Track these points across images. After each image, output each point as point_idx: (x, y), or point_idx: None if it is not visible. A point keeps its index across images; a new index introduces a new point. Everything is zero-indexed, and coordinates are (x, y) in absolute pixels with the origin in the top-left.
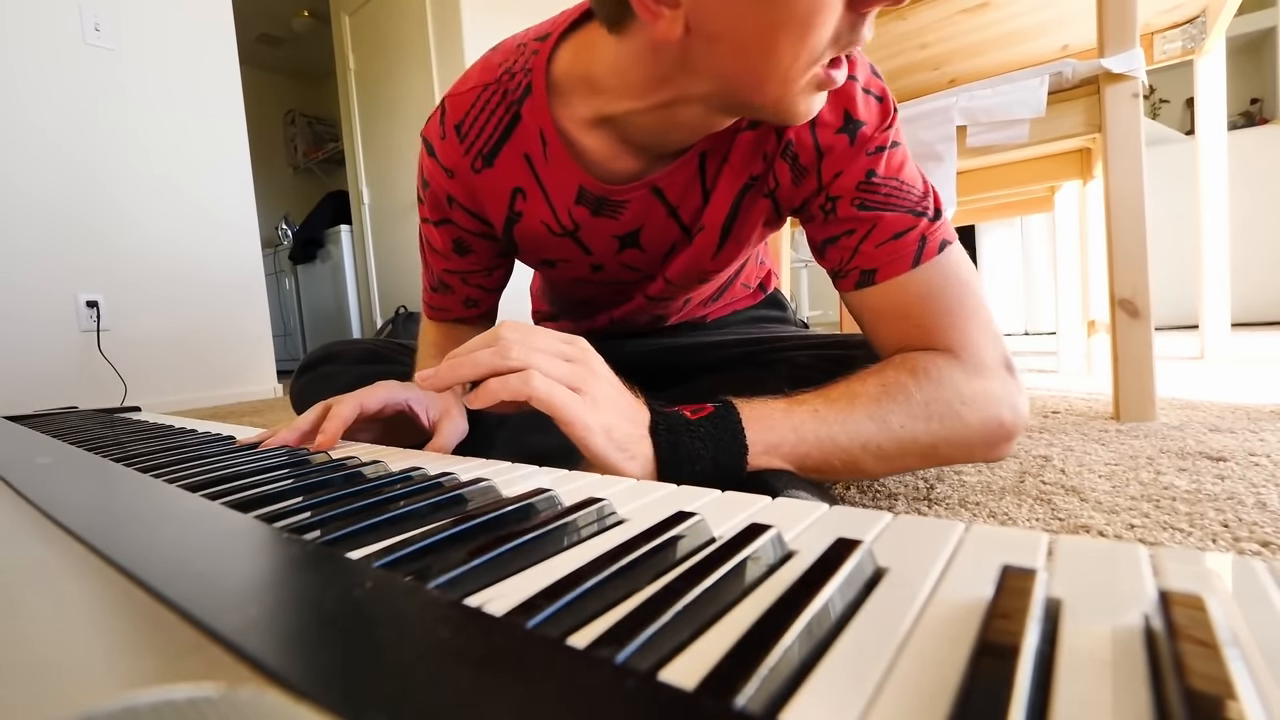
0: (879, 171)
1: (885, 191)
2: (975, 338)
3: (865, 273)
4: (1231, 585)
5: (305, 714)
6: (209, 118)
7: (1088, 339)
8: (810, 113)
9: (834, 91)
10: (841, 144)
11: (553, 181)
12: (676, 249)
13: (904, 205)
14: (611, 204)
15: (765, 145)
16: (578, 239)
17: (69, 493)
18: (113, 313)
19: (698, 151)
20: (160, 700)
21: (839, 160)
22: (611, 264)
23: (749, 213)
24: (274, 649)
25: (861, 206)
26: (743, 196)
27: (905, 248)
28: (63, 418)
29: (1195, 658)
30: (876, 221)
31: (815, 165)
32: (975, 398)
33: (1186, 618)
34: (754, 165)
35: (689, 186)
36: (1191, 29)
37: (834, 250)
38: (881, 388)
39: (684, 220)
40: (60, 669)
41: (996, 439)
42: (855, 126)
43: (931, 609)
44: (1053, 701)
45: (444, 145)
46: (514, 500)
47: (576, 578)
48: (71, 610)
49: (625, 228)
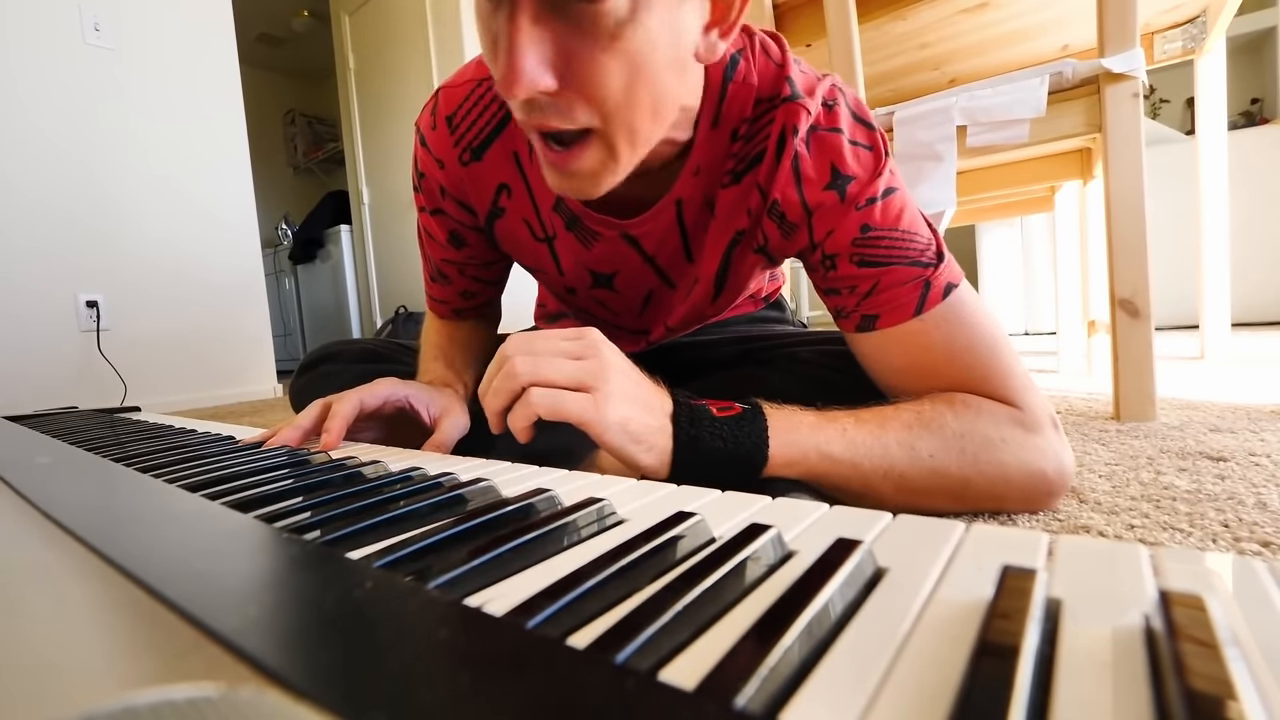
0: (874, 225)
1: (886, 245)
2: (1014, 386)
3: (866, 318)
4: (1231, 585)
5: (305, 714)
6: (209, 117)
7: (1088, 339)
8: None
9: (818, 148)
10: (830, 201)
11: (538, 183)
12: (654, 295)
13: (907, 257)
14: (583, 227)
15: (749, 202)
16: (553, 250)
17: (69, 493)
18: (113, 313)
19: (673, 200)
20: (160, 700)
21: (829, 218)
22: (584, 295)
23: (740, 265)
24: (274, 649)
25: (861, 263)
26: (731, 250)
27: (907, 295)
28: (63, 418)
29: (1195, 658)
30: (879, 277)
31: (805, 222)
32: (1017, 442)
33: (1186, 618)
34: (739, 220)
35: (666, 235)
36: (1192, 29)
37: (834, 299)
38: (916, 415)
39: (662, 267)
40: (60, 669)
41: (1036, 492)
42: (844, 182)
43: (931, 609)
44: (1053, 701)
45: (434, 136)
46: (514, 500)
47: (576, 578)
48: (71, 610)
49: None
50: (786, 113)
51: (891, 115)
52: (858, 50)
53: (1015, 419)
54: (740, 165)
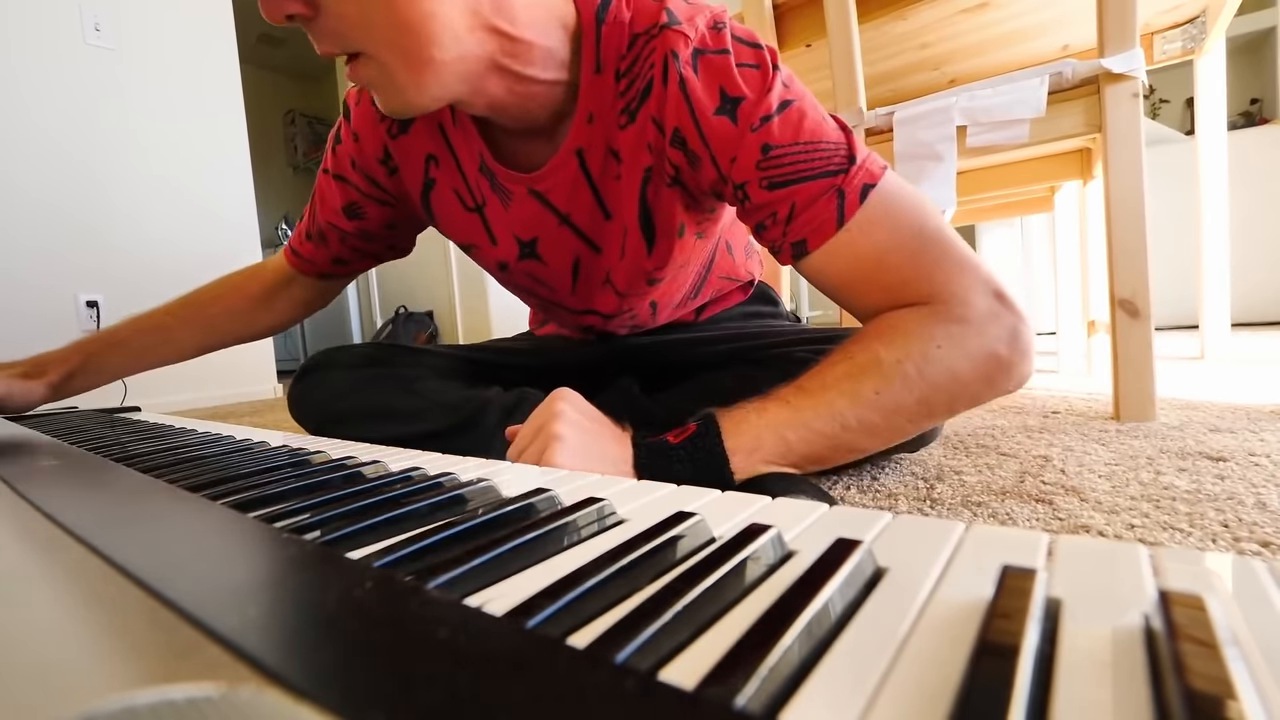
0: (774, 142)
1: (789, 162)
2: (946, 277)
3: (796, 245)
4: (1231, 585)
5: (305, 714)
6: (209, 118)
7: (1088, 339)
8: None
9: (706, 70)
10: (724, 126)
11: (462, 149)
12: (581, 263)
13: (815, 170)
14: (501, 187)
15: (648, 136)
16: (485, 218)
17: (69, 493)
18: (113, 313)
19: (572, 150)
20: (160, 700)
21: (728, 144)
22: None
23: (659, 203)
24: (274, 649)
25: (770, 186)
26: (645, 190)
27: (825, 210)
28: (63, 418)
29: (1195, 658)
30: (792, 198)
31: (706, 151)
32: (956, 338)
33: (1186, 618)
34: (642, 157)
35: (575, 190)
36: (1191, 29)
37: (767, 235)
38: (849, 360)
39: (578, 226)
40: (60, 669)
41: (995, 374)
42: (734, 103)
43: (931, 609)
44: (1053, 701)
45: (359, 110)
46: (514, 500)
47: (576, 578)
48: (71, 610)
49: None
50: (665, 40)
51: (891, 115)
52: (858, 50)
53: (944, 316)
54: (632, 103)
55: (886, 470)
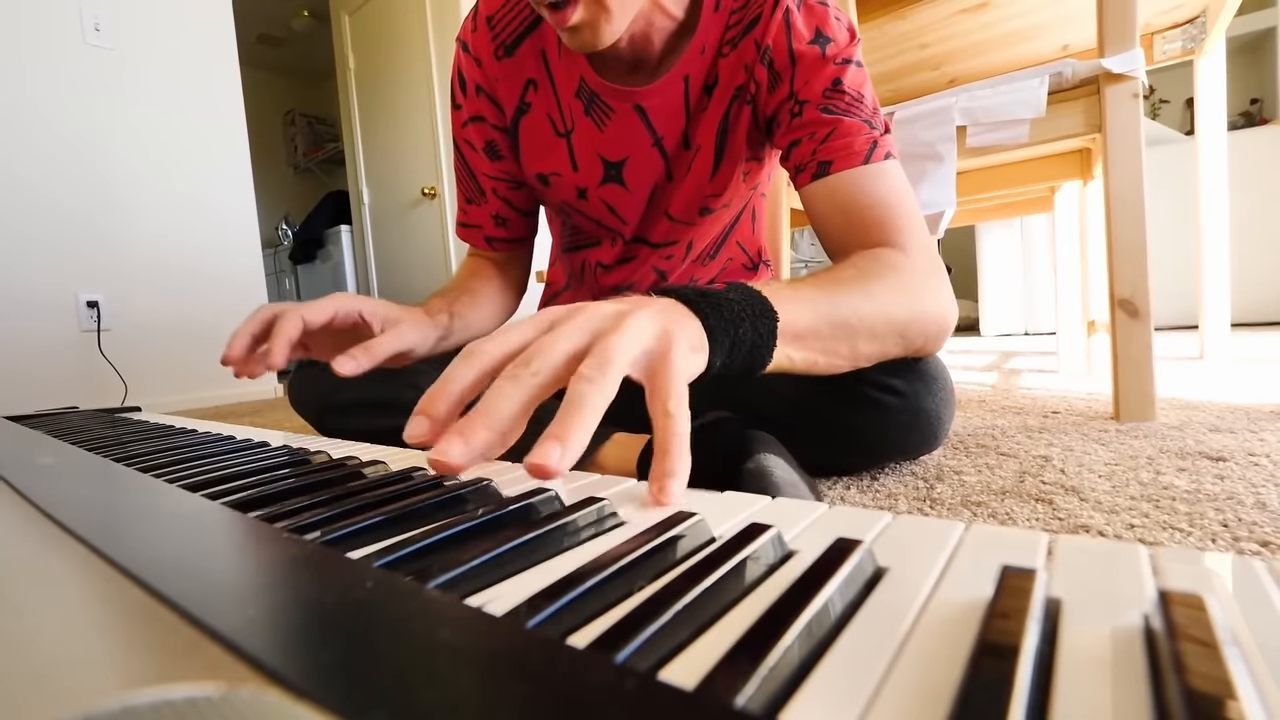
0: (844, 81)
1: (848, 100)
2: (914, 240)
3: (822, 164)
4: (1231, 585)
5: (305, 714)
6: (209, 118)
7: (1088, 339)
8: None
9: (807, 12)
10: (813, 54)
11: (561, 74)
12: (659, 190)
13: (861, 115)
14: (601, 104)
15: (746, 57)
16: (570, 144)
17: (70, 493)
18: (113, 313)
19: (680, 75)
20: (160, 700)
21: (809, 69)
22: (594, 197)
23: (736, 126)
24: (274, 649)
25: (825, 110)
26: (729, 109)
27: (859, 145)
28: (63, 418)
29: (1195, 658)
30: (836, 125)
31: (789, 71)
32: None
33: (1186, 617)
34: (738, 77)
35: (673, 116)
36: (1191, 29)
37: (797, 151)
38: (858, 270)
39: (667, 151)
40: (60, 669)
41: (943, 328)
42: (825, 41)
43: (931, 609)
44: (1053, 701)
45: (475, 38)
46: (514, 500)
47: (576, 578)
48: (71, 610)
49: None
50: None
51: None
52: None
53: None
54: (739, 32)
55: (887, 470)
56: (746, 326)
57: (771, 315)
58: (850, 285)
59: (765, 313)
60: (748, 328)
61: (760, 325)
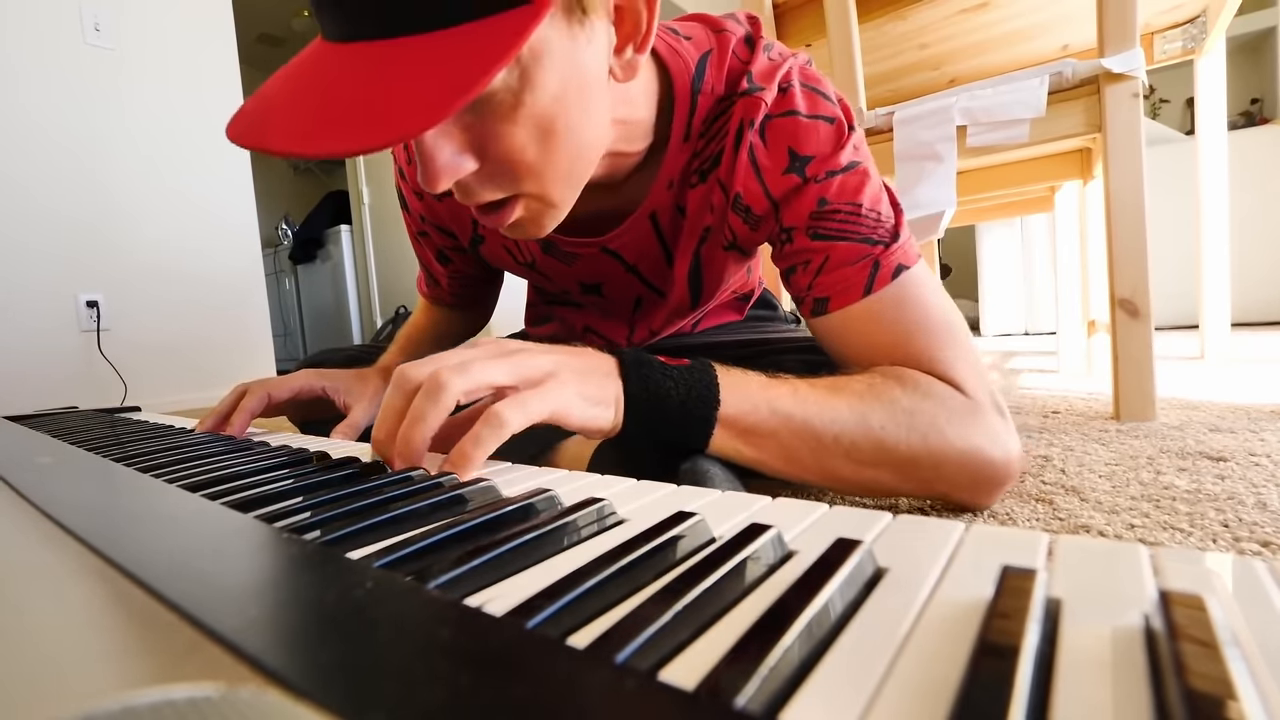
0: (830, 198)
1: (840, 219)
2: (962, 370)
3: (818, 301)
4: (1231, 585)
5: (305, 714)
6: (209, 118)
7: (1088, 339)
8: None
9: (772, 134)
10: (791, 184)
11: None
12: (644, 301)
13: (859, 234)
14: (561, 251)
15: (713, 199)
16: (538, 270)
17: (69, 493)
18: (113, 313)
19: (647, 214)
20: (160, 700)
21: (791, 201)
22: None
23: (712, 262)
24: (274, 649)
25: (814, 236)
26: (700, 248)
27: (856, 275)
28: (63, 418)
29: (1195, 658)
30: (829, 252)
31: (772, 212)
32: (966, 424)
33: (1186, 618)
34: (705, 217)
35: (645, 247)
36: (1191, 29)
37: (795, 279)
38: (868, 386)
39: (645, 275)
40: (60, 669)
41: (981, 478)
42: (804, 162)
43: (931, 609)
44: (1053, 701)
45: (411, 170)
46: (514, 500)
47: (576, 578)
48: (71, 610)
49: (584, 278)
50: (744, 107)
51: (891, 115)
52: (858, 50)
53: (962, 401)
54: (705, 164)
55: None
56: (673, 406)
57: (711, 404)
58: (843, 399)
59: (703, 398)
60: (674, 407)
61: (693, 409)
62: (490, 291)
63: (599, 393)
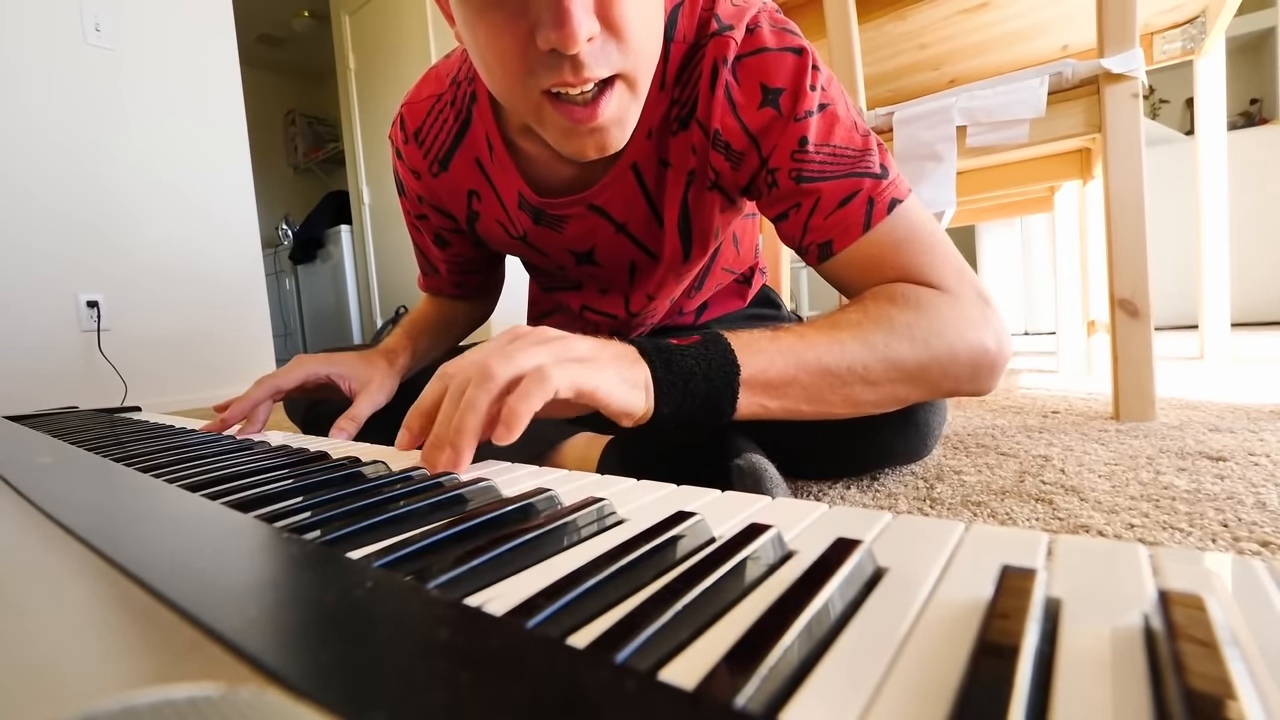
0: (810, 139)
1: (820, 160)
2: (947, 275)
3: (822, 246)
4: (1231, 585)
5: (305, 714)
6: (209, 118)
7: (1088, 339)
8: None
9: (744, 72)
10: (768, 118)
11: (500, 183)
12: (638, 266)
13: (842, 171)
14: (550, 217)
15: (694, 140)
16: (530, 245)
17: (69, 493)
18: (113, 313)
19: (628, 164)
20: (160, 700)
21: (771, 132)
22: (572, 270)
23: (699, 208)
24: (274, 649)
25: (798, 179)
26: (687, 193)
27: (854, 213)
28: (63, 418)
29: (1195, 658)
30: (818, 194)
31: (752, 146)
32: (957, 320)
33: (1186, 617)
34: (688, 161)
35: (631, 201)
36: (1191, 29)
37: (786, 226)
38: (864, 313)
39: (635, 235)
40: (60, 669)
41: (982, 366)
42: (776, 94)
43: (931, 609)
44: (1053, 701)
45: (407, 150)
46: (514, 500)
47: (576, 578)
48: (71, 610)
49: (576, 245)
50: (714, 46)
51: (891, 115)
52: (858, 50)
53: (950, 300)
54: (684, 111)
55: (886, 471)
56: (698, 382)
57: (732, 370)
58: (845, 331)
59: (724, 367)
60: (699, 383)
61: (716, 379)
62: (490, 281)
63: (633, 377)
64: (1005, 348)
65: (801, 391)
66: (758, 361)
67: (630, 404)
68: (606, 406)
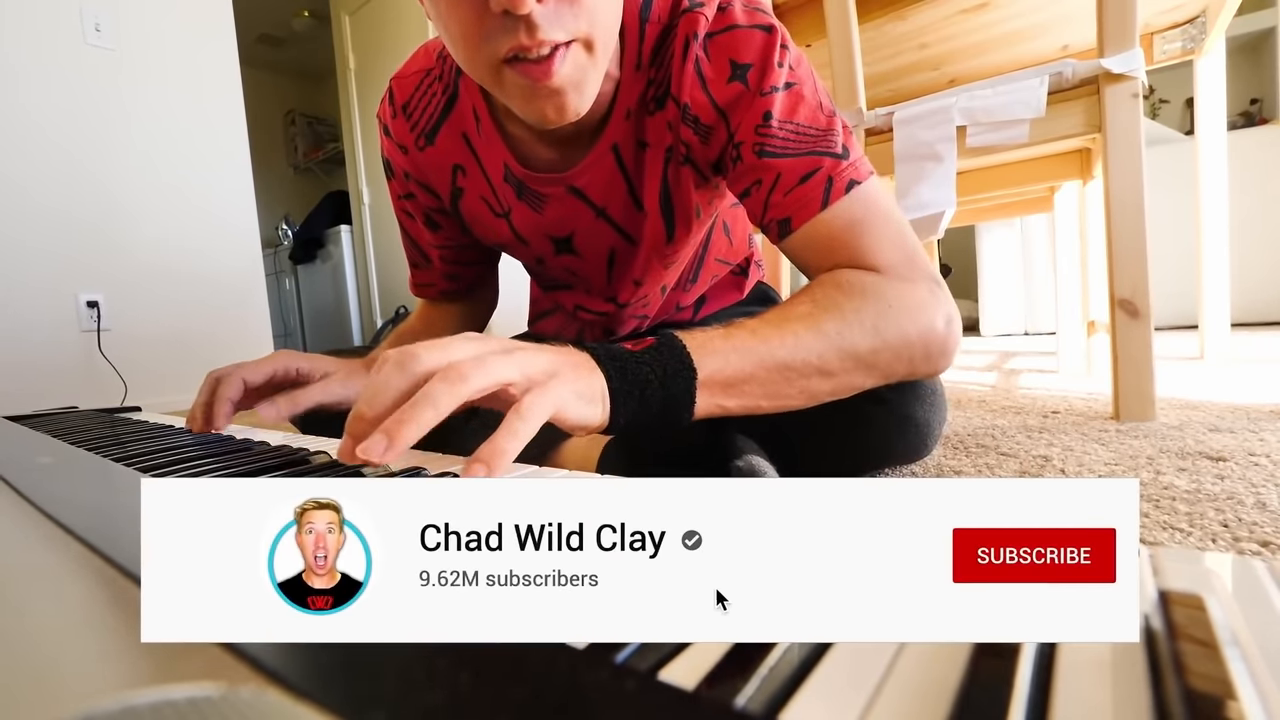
0: (775, 114)
1: (783, 136)
2: (895, 256)
3: (781, 223)
4: (1231, 585)
5: (305, 714)
6: (209, 118)
7: (1088, 339)
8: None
9: (715, 49)
10: (736, 92)
11: (486, 156)
12: (618, 254)
13: (804, 149)
14: (532, 192)
15: (669, 116)
16: (512, 224)
17: (69, 493)
18: (113, 313)
19: (608, 145)
20: (160, 700)
21: (738, 105)
22: (551, 263)
23: (678, 184)
24: (274, 649)
25: (760, 153)
26: (667, 171)
27: (813, 191)
28: (63, 417)
29: (1195, 658)
30: (779, 170)
31: (721, 120)
32: (905, 304)
33: (1186, 618)
34: (665, 138)
35: (611, 185)
36: (1191, 29)
37: (750, 203)
38: (813, 303)
39: (615, 220)
40: (60, 669)
41: (932, 348)
42: (744, 70)
43: None
44: (1053, 701)
45: (395, 124)
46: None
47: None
48: (71, 610)
49: (555, 230)
50: (686, 22)
51: (891, 115)
52: (858, 50)
53: (898, 284)
54: (660, 90)
55: (886, 471)
56: (654, 389)
57: (689, 373)
58: (798, 323)
59: (680, 372)
60: (655, 390)
61: (672, 384)
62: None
63: (589, 389)
64: (955, 328)
65: (759, 388)
66: (713, 362)
67: (586, 418)
68: (562, 421)
